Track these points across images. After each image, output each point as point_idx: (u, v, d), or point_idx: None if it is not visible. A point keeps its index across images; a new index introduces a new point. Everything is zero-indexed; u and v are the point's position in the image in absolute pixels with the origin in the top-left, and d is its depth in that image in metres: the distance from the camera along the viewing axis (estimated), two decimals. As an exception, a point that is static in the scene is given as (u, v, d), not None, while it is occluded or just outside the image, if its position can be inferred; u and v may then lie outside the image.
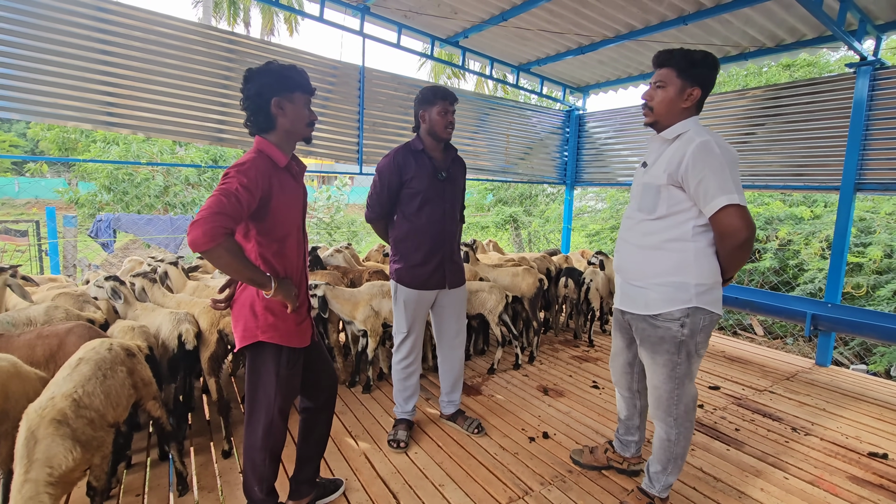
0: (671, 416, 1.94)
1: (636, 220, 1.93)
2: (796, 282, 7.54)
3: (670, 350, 1.85)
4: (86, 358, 1.97)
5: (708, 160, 1.67)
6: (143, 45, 3.80)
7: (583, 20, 4.65)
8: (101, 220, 8.22)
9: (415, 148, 2.56)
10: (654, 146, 1.91)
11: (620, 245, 2.05)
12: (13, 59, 3.34)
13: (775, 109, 4.68)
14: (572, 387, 3.58)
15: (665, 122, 1.84)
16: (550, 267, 4.84)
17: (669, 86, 1.79)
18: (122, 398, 2.01)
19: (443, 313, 2.75)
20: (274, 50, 4.47)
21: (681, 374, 1.87)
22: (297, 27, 17.17)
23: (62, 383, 1.83)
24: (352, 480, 2.39)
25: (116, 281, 2.80)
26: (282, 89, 1.76)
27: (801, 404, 3.39)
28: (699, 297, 1.79)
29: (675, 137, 1.80)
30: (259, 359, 1.86)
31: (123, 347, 2.13)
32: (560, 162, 6.91)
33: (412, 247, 2.58)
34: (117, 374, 2.01)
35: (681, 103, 1.79)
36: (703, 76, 1.78)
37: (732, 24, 4.39)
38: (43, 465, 1.58)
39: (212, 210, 1.55)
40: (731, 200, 1.65)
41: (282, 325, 1.84)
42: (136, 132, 3.98)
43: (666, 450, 2.02)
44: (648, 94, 1.86)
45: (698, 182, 1.69)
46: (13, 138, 17.56)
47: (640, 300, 1.92)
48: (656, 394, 1.96)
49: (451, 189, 2.62)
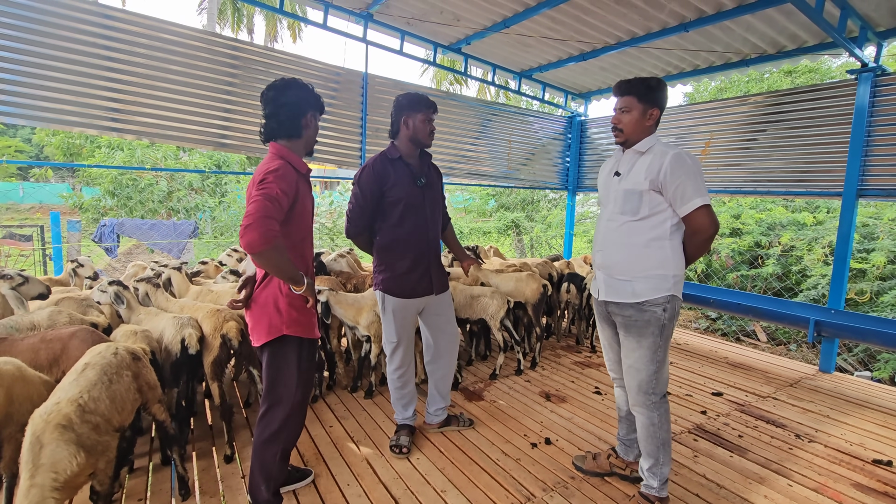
0: (650, 398, 2.12)
1: (619, 222, 2.13)
2: (799, 288, 7.52)
3: (654, 332, 2.07)
4: (92, 363, 1.98)
5: (684, 168, 1.96)
6: (148, 52, 3.84)
7: (584, 27, 4.68)
8: (104, 224, 8.26)
9: (391, 156, 2.52)
10: (626, 158, 2.17)
11: (603, 245, 2.22)
12: (19, 66, 3.38)
13: (777, 115, 4.69)
14: (574, 392, 3.57)
15: (633, 139, 2.13)
16: (553, 272, 4.84)
17: (633, 110, 2.09)
18: (128, 402, 2.01)
19: (435, 320, 2.73)
20: (278, 56, 4.51)
21: (661, 356, 2.10)
22: (300, 34, 17.30)
23: (68, 388, 1.84)
24: (354, 486, 2.39)
25: (120, 286, 2.81)
26: (315, 106, 1.99)
27: (805, 411, 3.38)
28: (675, 287, 2.08)
29: (647, 150, 2.09)
30: (281, 352, 1.96)
31: (129, 351, 2.14)
32: (562, 167, 6.92)
33: (398, 255, 2.56)
34: (123, 379, 2.02)
35: (645, 122, 2.10)
36: (659, 98, 2.09)
37: (734, 31, 4.41)
38: (48, 470, 1.59)
39: (260, 214, 1.65)
40: (705, 202, 1.95)
41: (304, 319, 1.98)
42: (140, 138, 4.01)
43: (653, 436, 2.14)
44: (616, 119, 2.14)
45: (676, 186, 1.97)
46: (18, 143, 17.68)
47: (626, 290, 2.11)
48: (638, 377, 2.13)
49: (431, 195, 2.61)
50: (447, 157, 5.65)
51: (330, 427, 2.97)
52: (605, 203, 2.26)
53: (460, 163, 5.83)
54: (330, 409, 3.21)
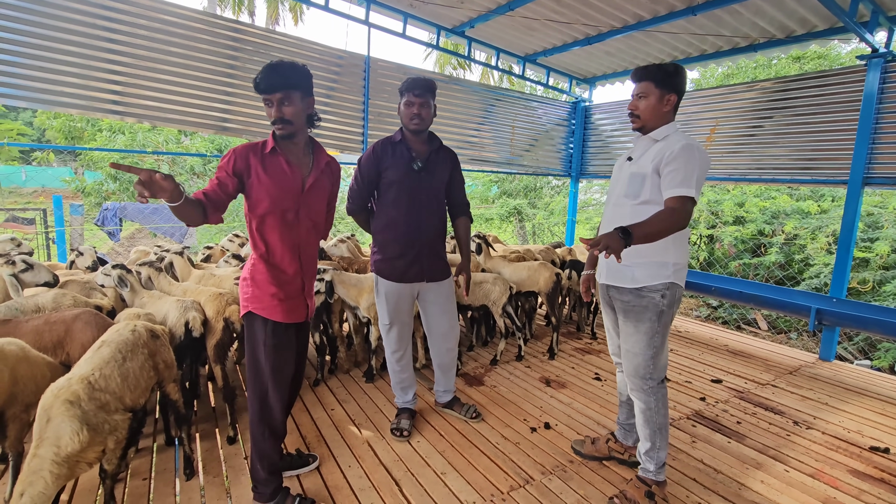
0: (647, 383, 2.13)
1: (623, 206, 2.13)
2: (801, 277, 7.51)
3: (652, 318, 2.07)
4: (108, 340, 2.01)
5: (688, 157, 1.93)
6: (149, 34, 3.80)
7: (590, 10, 4.60)
8: (107, 208, 8.26)
9: (395, 139, 2.56)
10: (641, 144, 2.16)
11: (608, 228, 2.18)
12: (20, 47, 3.35)
13: (784, 102, 4.63)
14: (574, 378, 3.59)
15: (651, 125, 2.10)
16: (555, 259, 4.84)
17: (650, 95, 2.06)
18: (142, 380, 2.03)
19: (428, 308, 2.72)
20: (278, 39, 4.45)
21: (658, 342, 2.10)
22: (302, 16, 17.05)
23: (82, 365, 1.88)
24: (355, 467, 2.42)
25: (123, 269, 2.82)
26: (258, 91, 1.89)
27: (804, 398, 3.40)
28: (675, 275, 2.07)
29: (663, 138, 2.06)
30: (250, 330, 1.99)
31: (147, 329, 2.16)
32: (565, 154, 6.87)
33: (389, 238, 2.57)
34: (137, 357, 2.03)
35: (662, 108, 2.07)
36: (677, 83, 2.06)
37: (742, 14, 4.33)
38: (51, 444, 1.63)
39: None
40: (690, 193, 1.89)
41: (263, 297, 1.96)
42: (141, 121, 3.99)
43: (649, 420, 2.16)
44: (633, 105, 2.12)
45: (672, 170, 1.94)
46: (20, 126, 17.61)
47: (626, 275, 2.11)
48: (635, 361, 2.14)
49: (429, 180, 2.56)
50: (450, 142, 5.60)
51: (332, 410, 3.01)
52: (613, 187, 2.25)
53: (464, 148, 5.78)
54: (332, 392, 3.25)
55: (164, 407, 2.50)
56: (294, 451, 2.42)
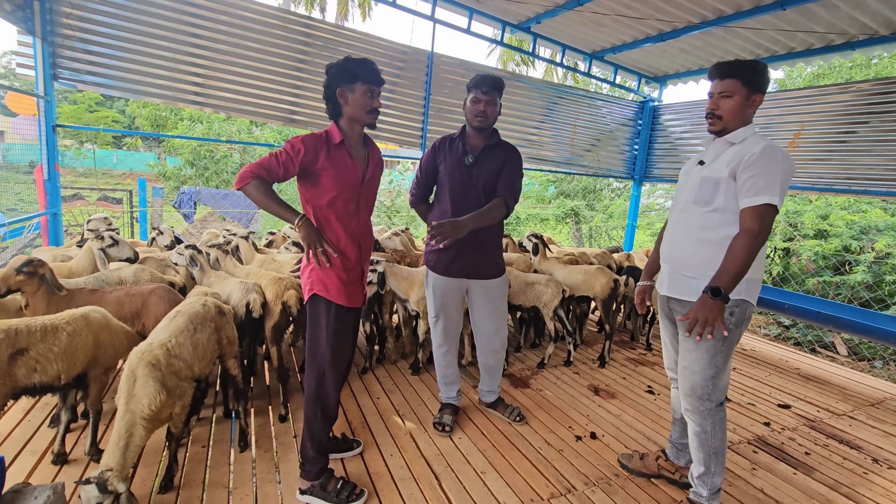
0: (704, 404, 1.98)
1: (691, 212, 1.99)
2: (892, 300, 6.78)
3: (717, 336, 1.89)
4: (182, 311, 2.19)
5: (769, 161, 1.77)
6: (228, 29, 4.04)
7: (666, 4, 4.36)
8: (184, 192, 8.90)
9: (455, 134, 2.59)
10: (715, 147, 1.99)
11: (673, 236, 2.08)
12: (118, 42, 3.68)
13: (883, 106, 4.18)
14: (625, 389, 3.45)
15: (731, 127, 1.94)
16: (612, 264, 4.66)
17: (736, 95, 1.89)
18: (208, 352, 2.19)
19: (475, 306, 2.69)
20: (347, 34, 4.58)
21: (720, 362, 1.94)
22: (370, 12, 17.46)
23: (160, 332, 2.05)
24: (397, 457, 2.46)
25: (195, 250, 3.02)
26: (347, 79, 1.95)
27: (887, 434, 3.07)
28: (748, 291, 1.90)
29: (741, 140, 1.90)
30: (313, 313, 2.07)
31: (216, 305, 2.32)
32: (629, 155, 6.60)
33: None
34: (206, 329, 2.20)
35: (746, 109, 1.91)
36: (763, 83, 1.89)
37: (840, 8, 3.94)
38: (140, 400, 1.80)
39: (253, 163, 1.91)
40: (773, 201, 1.74)
41: (329, 281, 2.03)
42: (218, 111, 4.25)
43: (704, 444, 2.02)
44: (714, 104, 1.95)
45: (750, 175, 1.78)
46: (115, 114, 19.36)
47: (692, 287, 1.96)
48: (693, 379, 1.98)
49: (479, 174, 2.50)
50: (509, 140, 5.54)
51: (378, 399, 3.07)
52: (680, 192, 2.10)
53: (522, 147, 5.69)
54: (378, 381, 3.32)
55: (224, 381, 2.65)
56: (340, 435, 2.49)
